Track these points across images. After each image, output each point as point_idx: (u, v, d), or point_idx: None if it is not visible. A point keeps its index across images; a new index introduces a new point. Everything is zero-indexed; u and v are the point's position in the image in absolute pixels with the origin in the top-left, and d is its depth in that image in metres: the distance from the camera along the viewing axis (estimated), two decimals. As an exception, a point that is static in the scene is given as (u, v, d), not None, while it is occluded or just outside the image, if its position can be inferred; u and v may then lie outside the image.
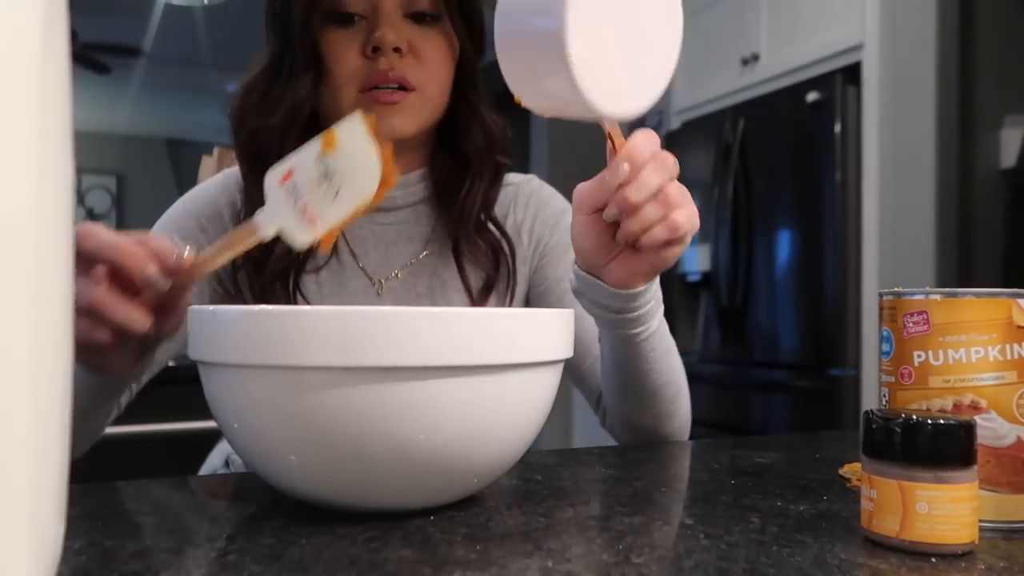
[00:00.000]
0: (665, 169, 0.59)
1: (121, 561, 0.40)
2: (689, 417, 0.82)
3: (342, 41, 0.77)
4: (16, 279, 0.23)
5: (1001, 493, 0.46)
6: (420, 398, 0.44)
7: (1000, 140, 2.40)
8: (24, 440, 0.24)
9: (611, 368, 0.75)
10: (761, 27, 2.70)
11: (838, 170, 2.32)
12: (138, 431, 1.54)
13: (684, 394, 0.80)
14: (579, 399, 3.93)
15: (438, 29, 0.79)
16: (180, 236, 0.80)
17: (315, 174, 0.56)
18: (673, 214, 0.59)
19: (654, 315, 0.70)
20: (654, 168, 0.58)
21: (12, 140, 0.23)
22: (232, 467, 0.90)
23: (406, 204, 0.86)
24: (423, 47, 0.78)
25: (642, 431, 0.79)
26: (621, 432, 0.82)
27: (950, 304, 0.46)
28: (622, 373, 0.74)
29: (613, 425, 0.83)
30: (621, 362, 0.73)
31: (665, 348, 0.74)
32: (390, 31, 0.76)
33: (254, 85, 0.80)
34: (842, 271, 2.33)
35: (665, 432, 0.79)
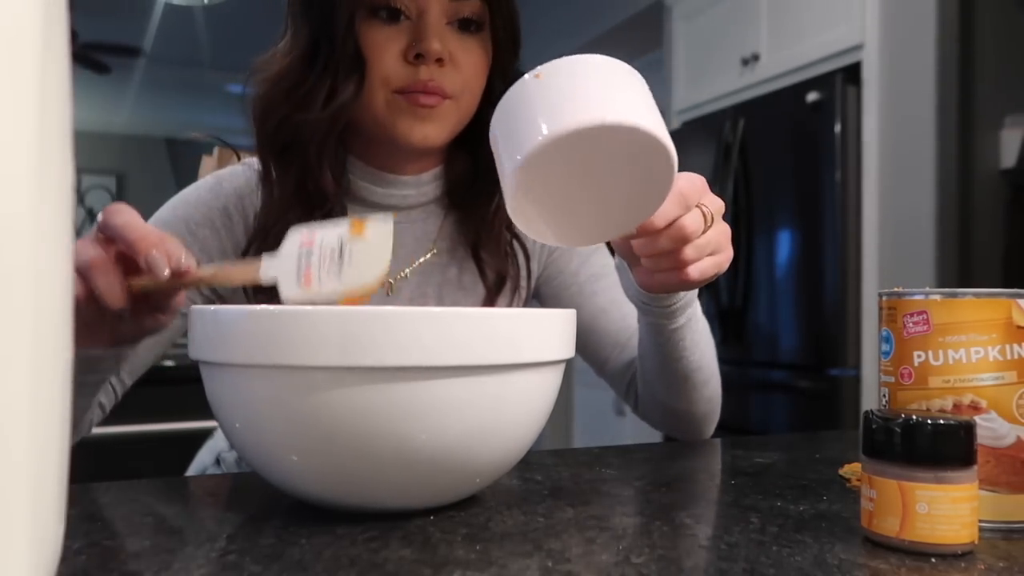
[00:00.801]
0: (680, 201, 0.56)
1: (121, 561, 0.40)
2: (719, 402, 0.84)
3: (385, 40, 0.76)
4: (16, 279, 0.23)
5: (1001, 493, 0.46)
6: (422, 398, 0.44)
7: (1000, 140, 2.40)
8: (24, 440, 0.24)
9: (646, 350, 0.77)
10: (761, 27, 2.70)
11: (838, 170, 2.32)
12: (138, 431, 1.54)
13: (715, 380, 0.82)
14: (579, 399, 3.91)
15: (478, 40, 0.79)
16: None
17: (331, 250, 0.59)
18: (685, 250, 0.59)
19: (684, 311, 0.71)
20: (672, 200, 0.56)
21: (12, 140, 0.23)
22: (223, 465, 0.90)
23: (418, 203, 0.85)
24: (462, 57, 0.77)
25: (673, 414, 0.81)
26: (654, 414, 0.84)
27: (950, 304, 0.46)
28: (656, 356, 0.76)
29: (646, 409, 0.85)
30: (654, 346, 0.75)
31: (697, 337, 0.75)
32: (436, 41, 0.74)
33: (284, 74, 0.78)
34: (842, 271, 2.32)
35: (697, 414, 0.81)
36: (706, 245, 0.60)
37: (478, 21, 0.78)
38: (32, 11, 0.23)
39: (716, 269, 0.61)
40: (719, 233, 0.61)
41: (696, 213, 0.58)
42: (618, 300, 0.88)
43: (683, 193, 0.56)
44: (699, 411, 0.81)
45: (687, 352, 0.75)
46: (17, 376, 0.23)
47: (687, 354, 0.75)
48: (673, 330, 0.72)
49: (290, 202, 0.78)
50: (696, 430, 0.84)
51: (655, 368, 0.78)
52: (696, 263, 0.60)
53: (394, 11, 0.76)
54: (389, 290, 0.83)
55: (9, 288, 0.23)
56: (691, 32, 3.08)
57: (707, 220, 0.59)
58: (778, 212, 2.51)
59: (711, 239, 0.60)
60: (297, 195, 0.78)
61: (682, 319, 0.72)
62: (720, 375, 0.83)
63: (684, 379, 0.77)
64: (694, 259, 0.59)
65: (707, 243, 0.60)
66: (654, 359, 0.77)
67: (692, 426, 0.83)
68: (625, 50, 4.18)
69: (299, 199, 0.78)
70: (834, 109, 2.33)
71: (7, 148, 0.23)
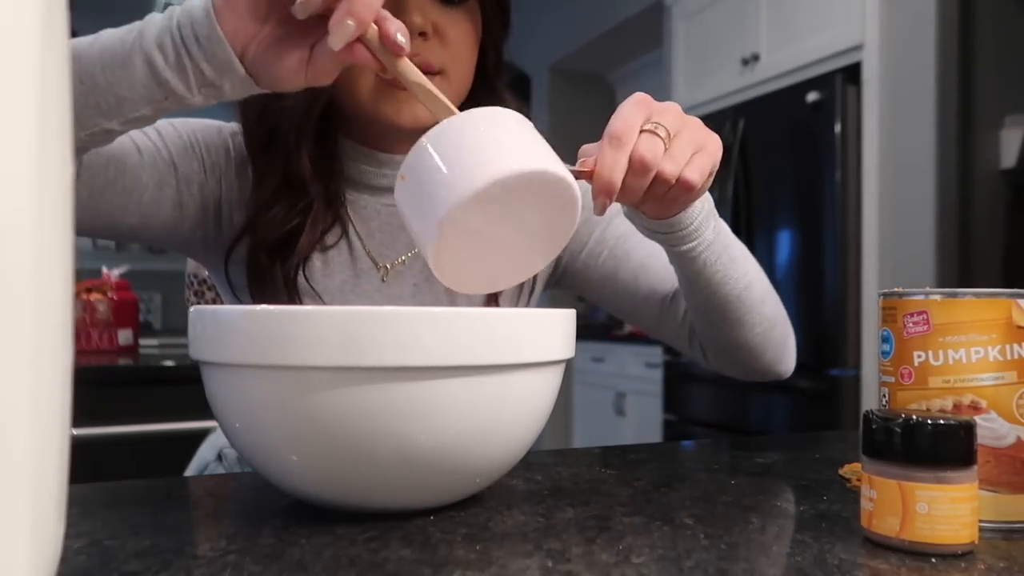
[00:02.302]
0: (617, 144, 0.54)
1: (121, 561, 0.40)
2: (786, 321, 0.80)
3: None
4: (16, 279, 0.23)
5: (1001, 493, 0.46)
6: (422, 398, 0.44)
7: (1000, 140, 2.40)
8: (24, 440, 0.24)
9: (688, 290, 0.74)
10: (761, 27, 2.70)
11: (838, 170, 2.32)
12: (138, 431, 1.54)
13: (772, 297, 0.78)
14: (579, 399, 3.92)
15: (464, 10, 0.77)
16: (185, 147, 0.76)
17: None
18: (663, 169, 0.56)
19: (706, 225, 0.68)
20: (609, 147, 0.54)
21: (12, 140, 0.23)
22: (225, 461, 0.90)
23: None
24: (449, 30, 0.75)
25: (743, 348, 0.78)
26: (723, 359, 0.81)
27: (950, 304, 0.46)
28: (699, 291, 0.73)
29: (715, 360, 0.82)
30: (692, 279, 0.72)
31: (733, 253, 0.72)
32: (417, 14, 0.72)
33: None
34: (842, 271, 2.33)
35: (767, 339, 0.78)
36: (681, 151, 0.57)
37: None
38: (32, 11, 0.23)
39: (711, 161, 0.58)
40: (689, 133, 0.58)
41: (647, 137, 0.55)
42: (655, 252, 0.84)
43: (615, 136, 0.54)
44: (767, 335, 0.77)
45: (727, 271, 0.71)
46: (17, 376, 0.23)
47: (728, 273, 0.72)
48: (700, 253, 0.69)
49: (276, 195, 0.76)
50: (774, 360, 0.80)
51: (703, 304, 0.74)
52: (685, 169, 0.57)
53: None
54: (385, 276, 0.80)
55: (9, 288, 0.23)
56: (691, 32, 3.08)
57: (662, 134, 0.56)
58: (778, 212, 2.51)
59: (682, 143, 0.57)
60: (281, 188, 0.76)
61: (708, 234, 0.68)
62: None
63: (737, 304, 0.74)
64: (678, 170, 0.56)
65: (681, 150, 0.57)
66: (699, 294, 0.73)
67: (768, 355, 0.79)
68: (625, 50, 4.19)
69: (284, 192, 0.76)
70: (834, 109, 2.33)
71: (7, 148, 0.23)
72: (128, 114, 0.56)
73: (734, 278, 0.72)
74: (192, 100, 0.56)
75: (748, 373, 0.82)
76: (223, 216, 0.78)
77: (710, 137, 0.59)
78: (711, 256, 0.70)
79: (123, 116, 0.56)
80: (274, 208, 0.76)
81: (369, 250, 0.81)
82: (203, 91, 0.56)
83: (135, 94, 0.55)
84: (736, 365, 0.82)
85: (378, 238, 0.81)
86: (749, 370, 0.82)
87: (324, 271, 0.79)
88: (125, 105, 0.55)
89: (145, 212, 0.72)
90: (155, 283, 5.08)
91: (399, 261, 0.81)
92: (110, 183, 0.68)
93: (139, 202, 0.71)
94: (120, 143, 0.69)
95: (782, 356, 0.81)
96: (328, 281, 0.79)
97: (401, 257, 0.81)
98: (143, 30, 0.55)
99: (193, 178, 0.76)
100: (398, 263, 0.81)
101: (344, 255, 0.80)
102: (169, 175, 0.74)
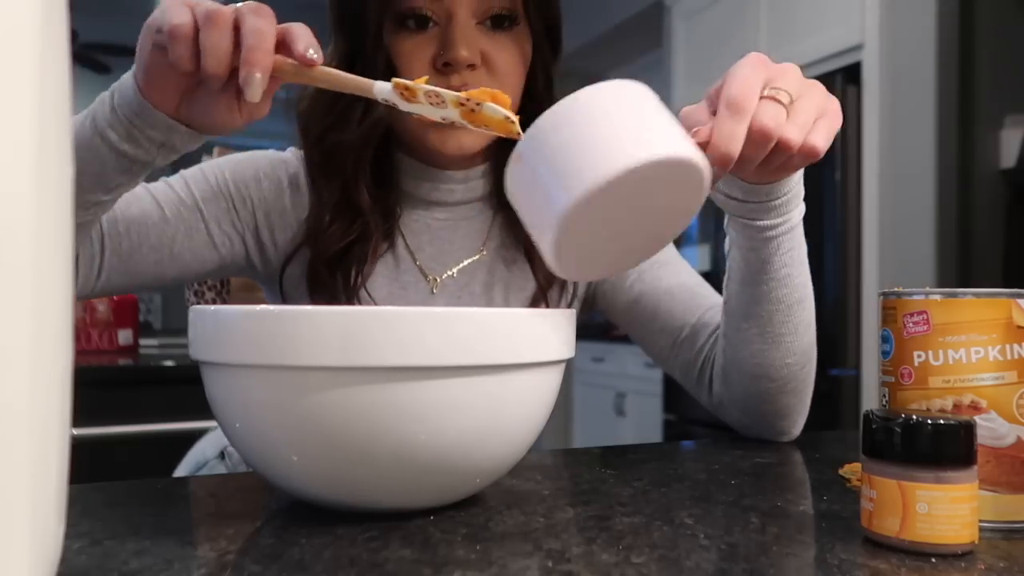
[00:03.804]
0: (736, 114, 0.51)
1: (121, 561, 0.40)
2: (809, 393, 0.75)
3: (413, 49, 0.74)
4: (16, 279, 0.23)
5: (1001, 493, 0.46)
6: (422, 398, 0.44)
7: (1000, 140, 2.40)
8: (24, 440, 0.24)
9: (741, 284, 0.70)
10: (761, 27, 2.70)
11: (838, 170, 2.32)
12: (138, 431, 1.54)
13: (813, 337, 0.73)
14: (579, 399, 3.90)
15: (513, 35, 0.76)
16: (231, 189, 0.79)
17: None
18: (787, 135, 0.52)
19: (793, 205, 0.65)
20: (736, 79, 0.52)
21: (12, 140, 0.23)
22: (229, 460, 0.90)
23: (465, 200, 0.83)
24: (496, 58, 0.75)
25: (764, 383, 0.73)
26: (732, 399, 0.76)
27: (950, 304, 0.46)
28: (755, 285, 0.69)
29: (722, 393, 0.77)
30: (756, 268, 0.68)
31: (801, 259, 0.69)
32: (464, 47, 0.72)
33: (320, 93, 0.78)
34: (842, 271, 2.33)
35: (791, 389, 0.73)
36: (805, 117, 0.53)
37: (511, 16, 0.76)
38: (32, 11, 0.23)
39: (834, 126, 0.55)
40: (811, 96, 0.54)
41: (768, 104, 0.52)
42: (687, 283, 0.82)
43: (734, 102, 0.51)
44: (795, 373, 0.72)
45: (792, 269, 0.67)
46: (17, 376, 0.23)
47: (792, 273, 0.68)
48: (784, 232, 0.65)
49: (334, 213, 0.78)
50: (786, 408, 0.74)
51: (750, 304, 0.69)
52: (810, 134, 0.54)
53: (422, 18, 0.74)
54: (434, 287, 0.82)
55: (9, 288, 0.23)
56: (691, 32, 3.08)
57: (784, 100, 0.53)
58: (778, 212, 2.51)
59: (806, 108, 0.54)
60: (340, 207, 0.79)
61: (796, 215, 0.66)
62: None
63: (786, 314, 0.69)
64: (801, 137, 0.53)
65: (804, 115, 0.53)
66: (753, 289, 0.69)
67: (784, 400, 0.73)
68: (625, 50, 4.19)
69: (342, 212, 0.78)
70: (834, 109, 2.33)
71: (7, 148, 0.23)
72: (108, 185, 0.61)
73: (795, 284, 0.69)
74: (155, 161, 0.61)
75: (752, 420, 0.77)
76: (264, 240, 0.81)
77: (831, 101, 0.56)
78: (787, 242, 0.67)
79: (104, 188, 0.61)
80: (332, 226, 0.78)
81: (420, 263, 0.82)
82: (160, 152, 0.60)
83: (106, 169, 0.60)
84: (746, 404, 0.76)
85: (428, 251, 0.82)
86: (755, 414, 0.76)
87: (372, 282, 0.81)
88: (101, 180, 0.60)
89: (180, 261, 0.76)
90: (155, 283, 5.07)
91: (448, 274, 0.82)
92: (136, 246, 0.73)
93: (171, 254, 0.75)
94: (139, 205, 0.73)
95: (796, 408, 0.75)
96: (376, 293, 0.81)
97: (450, 271, 0.82)
98: (95, 117, 0.59)
99: (223, 216, 0.78)
100: (447, 276, 0.82)
101: (389, 266, 0.81)
102: (196, 220, 0.77)
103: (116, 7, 4.04)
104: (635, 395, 3.50)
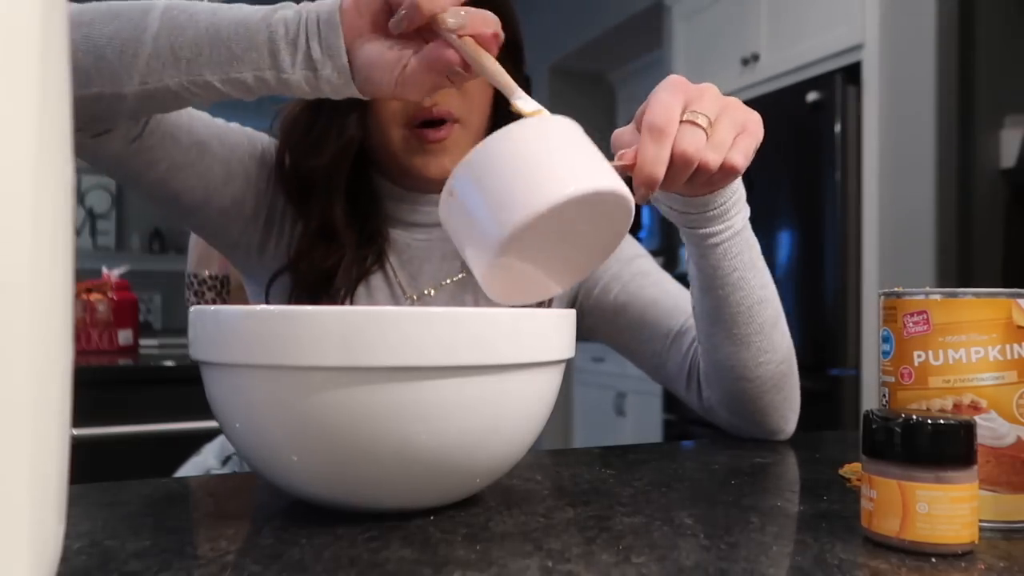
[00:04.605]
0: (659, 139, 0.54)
1: (121, 561, 0.40)
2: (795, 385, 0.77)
3: None
4: (16, 279, 0.23)
5: (1001, 493, 0.46)
6: (422, 398, 0.44)
7: (1000, 140, 2.40)
8: (24, 440, 0.24)
9: (700, 291, 0.71)
10: (761, 27, 2.70)
11: (838, 170, 2.32)
12: (138, 431, 1.54)
13: (785, 332, 0.75)
14: (579, 399, 3.90)
15: None
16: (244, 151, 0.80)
17: None
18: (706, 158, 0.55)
19: (734, 213, 0.67)
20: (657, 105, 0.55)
21: (12, 140, 0.23)
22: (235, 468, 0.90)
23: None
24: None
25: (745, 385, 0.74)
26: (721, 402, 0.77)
27: (950, 304, 0.46)
28: (712, 291, 0.70)
29: (712, 397, 0.78)
30: (709, 274, 0.69)
31: (755, 258, 0.70)
32: None
33: (297, 118, 0.80)
34: (842, 271, 2.33)
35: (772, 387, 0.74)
36: (723, 138, 0.57)
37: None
38: (32, 11, 0.23)
39: (754, 141, 0.58)
40: (730, 115, 0.57)
41: (688, 129, 0.55)
42: (670, 291, 0.83)
43: (656, 128, 0.54)
44: (772, 371, 0.73)
45: (746, 273, 0.69)
46: (17, 376, 0.23)
47: (747, 276, 0.69)
48: (729, 238, 0.67)
49: (314, 240, 0.80)
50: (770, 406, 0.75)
51: (713, 309, 0.71)
52: (729, 153, 0.57)
53: None
54: (411, 305, 0.83)
55: (9, 288, 0.23)
56: (691, 32, 3.08)
57: (703, 123, 0.56)
58: (778, 212, 2.51)
59: (724, 128, 0.57)
60: (319, 232, 0.80)
61: (738, 221, 0.67)
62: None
63: (748, 315, 0.70)
64: (721, 157, 0.56)
65: (723, 135, 0.57)
66: (711, 295, 0.70)
67: (767, 399, 0.75)
68: (625, 50, 4.19)
69: (322, 236, 0.80)
70: (834, 109, 2.33)
71: (7, 148, 0.23)
72: (231, 72, 0.59)
73: (751, 285, 0.70)
74: (291, 77, 0.59)
75: (741, 417, 0.78)
76: (274, 223, 0.81)
77: (750, 116, 0.59)
78: (733, 248, 0.68)
79: (226, 73, 0.59)
80: (313, 251, 0.79)
81: (400, 280, 0.83)
82: (304, 72, 0.58)
83: (247, 54, 0.58)
84: (732, 406, 0.77)
85: (408, 270, 0.84)
86: (742, 414, 0.77)
87: (368, 299, 0.82)
88: (233, 62, 0.58)
89: (209, 193, 0.76)
90: (155, 283, 5.08)
91: (425, 293, 0.84)
92: (190, 163, 0.73)
93: (208, 188, 0.76)
94: (208, 129, 0.75)
95: (782, 406, 0.76)
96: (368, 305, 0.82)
97: (427, 289, 0.84)
98: (279, 7, 0.59)
99: (259, 185, 0.80)
100: (424, 294, 0.84)
101: (380, 282, 0.83)
102: (240, 174, 0.78)
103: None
104: (635, 395, 3.50)
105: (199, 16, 0.58)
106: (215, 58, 0.58)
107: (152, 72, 0.58)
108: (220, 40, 0.58)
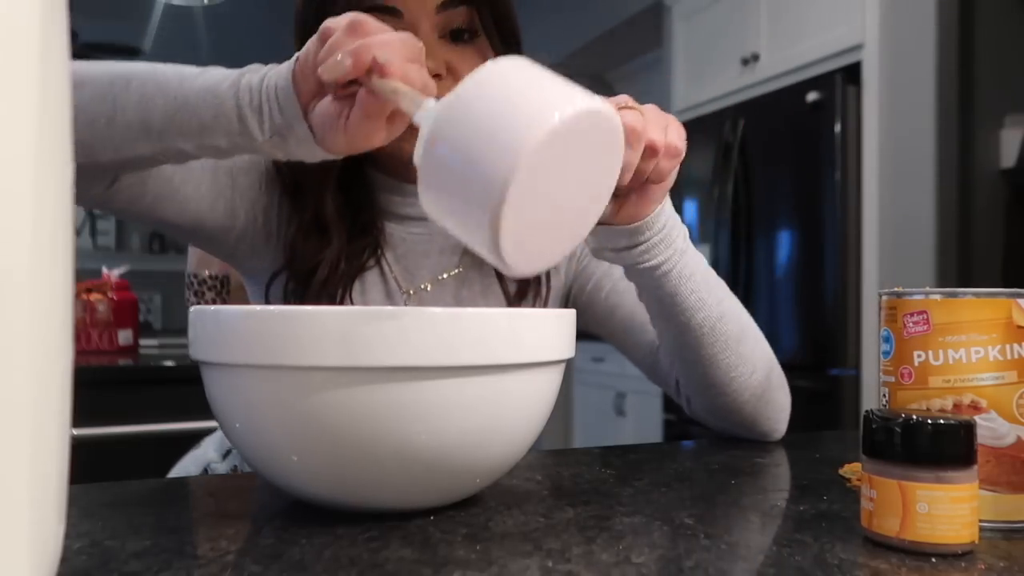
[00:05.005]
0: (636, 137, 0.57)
1: (121, 561, 0.40)
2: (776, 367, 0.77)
3: None
4: (16, 279, 0.23)
5: (1001, 493, 0.46)
6: (422, 398, 0.44)
7: (1000, 140, 2.40)
8: (24, 440, 0.24)
9: (660, 319, 0.72)
10: (761, 27, 2.70)
11: (838, 170, 2.32)
12: (138, 431, 1.54)
13: (755, 340, 0.75)
14: (579, 399, 3.91)
15: (475, 47, 0.78)
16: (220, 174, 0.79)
17: None
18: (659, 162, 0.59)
19: (674, 236, 0.68)
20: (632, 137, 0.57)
21: (12, 140, 0.23)
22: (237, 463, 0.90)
23: None
24: (461, 68, 0.76)
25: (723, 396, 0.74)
26: (705, 409, 0.78)
27: (950, 304, 0.46)
28: (671, 318, 0.71)
29: (697, 404, 0.79)
30: (665, 302, 0.70)
31: (705, 277, 0.71)
32: (429, 59, 0.72)
33: None
34: (842, 271, 2.32)
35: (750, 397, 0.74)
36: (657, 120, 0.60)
37: (470, 29, 0.78)
38: (32, 11, 0.23)
39: (681, 130, 0.62)
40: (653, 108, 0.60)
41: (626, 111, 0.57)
42: None
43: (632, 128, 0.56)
44: (745, 381, 0.74)
45: (699, 295, 0.69)
46: (17, 376, 0.23)
47: (700, 296, 0.69)
48: (676, 262, 0.67)
49: (308, 233, 0.79)
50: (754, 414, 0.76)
51: (677, 339, 0.72)
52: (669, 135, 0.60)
53: None
54: (407, 300, 0.82)
55: (9, 288, 0.23)
56: (691, 32, 3.08)
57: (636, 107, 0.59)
58: (778, 212, 2.51)
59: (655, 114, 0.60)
60: (312, 226, 0.79)
61: (680, 242, 0.68)
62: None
63: (711, 336, 0.71)
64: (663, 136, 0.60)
65: (656, 118, 0.60)
66: (671, 322, 0.71)
67: (748, 409, 0.75)
68: (625, 50, 4.18)
69: (315, 230, 0.79)
70: (834, 109, 2.33)
71: (7, 148, 0.23)
72: (204, 140, 0.60)
73: (709, 304, 0.70)
74: (260, 143, 0.60)
75: (729, 424, 0.78)
76: (271, 225, 0.81)
77: (671, 116, 0.62)
78: (686, 270, 0.68)
79: (200, 140, 0.60)
80: (306, 243, 0.79)
81: (395, 275, 0.83)
82: (272, 138, 0.59)
83: (216, 122, 0.59)
84: (717, 414, 0.77)
85: (403, 264, 0.83)
86: (729, 423, 0.78)
87: (362, 294, 0.81)
88: (205, 131, 0.59)
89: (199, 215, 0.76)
90: (155, 283, 5.08)
91: (421, 287, 0.83)
92: (174, 190, 0.73)
93: (197, 210, 0.76)
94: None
95: (766, 412, 0.77)
96: (363, 302, 0.81)
97: (423, 284, 0.83)
98: (245, 72, 0.60)
99: (247, 193, 0.79)
100: (420, 289, 0.83)
101: (376, 277, 0.83)
102: (227, 186, 0.78)
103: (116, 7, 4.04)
104: (635, 395, 3.50)
105: (168, 85, 0.59)
106: (187, 128, 0.59)
107: (125, 143, 0.60)
108: (190, 109, 0.58)
